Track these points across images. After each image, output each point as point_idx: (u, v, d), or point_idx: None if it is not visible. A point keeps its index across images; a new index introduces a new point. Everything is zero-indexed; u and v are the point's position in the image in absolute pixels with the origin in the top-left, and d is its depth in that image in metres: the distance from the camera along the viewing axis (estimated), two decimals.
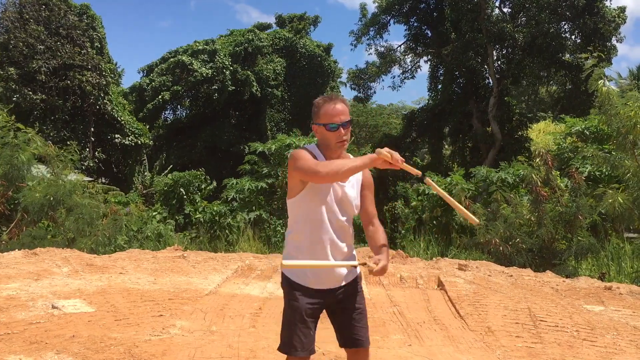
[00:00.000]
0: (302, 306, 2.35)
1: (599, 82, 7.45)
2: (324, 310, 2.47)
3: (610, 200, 7.41)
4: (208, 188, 15.65)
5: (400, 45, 28.23)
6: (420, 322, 4.67)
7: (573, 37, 23.16)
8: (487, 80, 25.01)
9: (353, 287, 2.44)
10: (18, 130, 9.71)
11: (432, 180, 3.26)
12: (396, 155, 2.21)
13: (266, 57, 28.58)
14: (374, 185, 2.57)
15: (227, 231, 12.82)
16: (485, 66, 24.17)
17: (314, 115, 2.40)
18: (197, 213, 13.71)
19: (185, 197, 14.21)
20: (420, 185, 13.39)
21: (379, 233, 2.45)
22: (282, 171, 12.82)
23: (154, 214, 13.35)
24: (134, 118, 24.58)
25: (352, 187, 2.44)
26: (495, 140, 22.87)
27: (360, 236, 8.59)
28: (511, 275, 6.80)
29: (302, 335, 2.33)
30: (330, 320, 2.49)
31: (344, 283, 2.41)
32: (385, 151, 2.22)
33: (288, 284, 2.42)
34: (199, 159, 25.71)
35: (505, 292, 5.81)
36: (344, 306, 2.42)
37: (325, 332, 2.96)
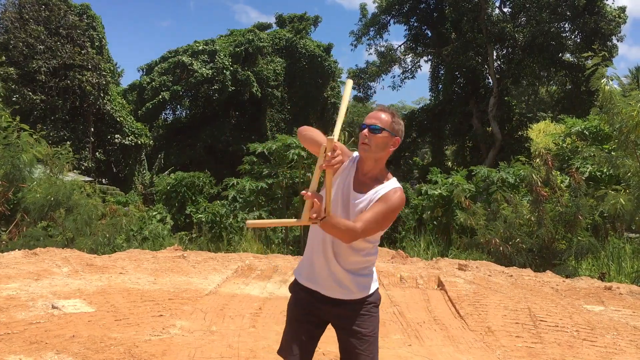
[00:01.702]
0: (291, 307, 2.35)
1: (602, 81, 7.43)
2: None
3: (612, 202, 7.38)
4: (212, 191, 15.61)
5: (400, 45, 28.27)
6: (420, 322, 4.67)
7: (573, 36, 23.18)
8: (487, 80, 25.05)
9: (355, 308, 2.26)
10: (21, 130, 9.72)
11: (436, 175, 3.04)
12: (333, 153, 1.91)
13: (266, 58, 28.57)
14: (391, 203, 2.22)
15: (227, 231, 12.82)
16: (486, 66, 24.18)
17: None
18: (199, 213, 13.70)
19: (188, 197, 14.20)
20: (421, 186, 13.38)
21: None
22: (282, 171, 12.81)
23: (155, 213, 13.35)
24: (134, 118, 24.60)
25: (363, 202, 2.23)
26: (495, 140, 22.88)
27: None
28: (511, 275, 6.79)
29: (291, 340, 2.29)
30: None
31: (340, 297, 2.25)
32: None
33: (290, 285, 2.43)
34: (199, 159, 25.72)
35: (505, 292, 5.81)
36: (343, 326, 2.29)
37: (325, 332, 2.94)
